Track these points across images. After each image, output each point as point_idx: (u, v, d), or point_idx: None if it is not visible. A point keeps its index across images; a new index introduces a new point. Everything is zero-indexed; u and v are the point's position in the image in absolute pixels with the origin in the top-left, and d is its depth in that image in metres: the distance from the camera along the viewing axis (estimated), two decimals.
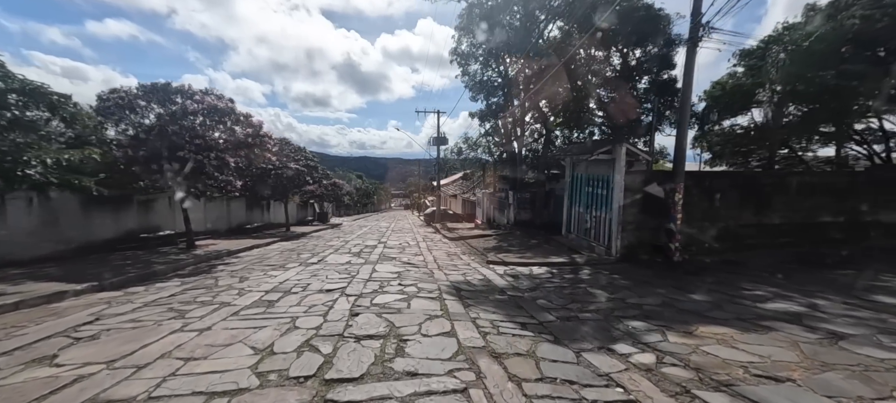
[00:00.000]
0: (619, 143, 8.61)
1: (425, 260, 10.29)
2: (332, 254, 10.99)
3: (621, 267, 8.26)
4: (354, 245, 13.67)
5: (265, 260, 9.98)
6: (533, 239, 14.44)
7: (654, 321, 4.67)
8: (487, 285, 7.06)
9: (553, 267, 8.71)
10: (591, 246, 9.87)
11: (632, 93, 15.44)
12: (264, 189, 18.20)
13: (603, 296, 6.00)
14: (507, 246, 12.97)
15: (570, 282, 7.15)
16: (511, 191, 18.34)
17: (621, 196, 8.66)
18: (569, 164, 11.44)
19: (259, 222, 20.13)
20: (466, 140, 24.58)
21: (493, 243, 14.17)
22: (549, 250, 10.75)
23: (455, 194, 35.84)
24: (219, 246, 12.48)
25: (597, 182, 9.81)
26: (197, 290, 6.29)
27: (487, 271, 8.66)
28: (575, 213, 11.16)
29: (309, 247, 12.90)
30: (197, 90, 10.54)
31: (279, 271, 8.12)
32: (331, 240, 15.46)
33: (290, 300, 5.58)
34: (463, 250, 12.89)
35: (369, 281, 7.10)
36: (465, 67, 22.12)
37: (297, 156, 20.75)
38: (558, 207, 16.54)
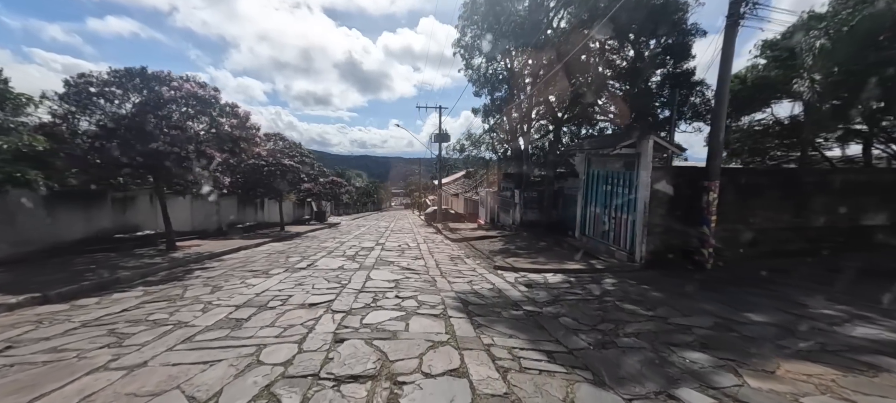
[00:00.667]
0: (646, 136, 7.63)
1: (426, 264, 9.33)
2: (323, 258, 10.02)
3: (648, 276, 7.28)
4: (350, 247, 12.71)
5: (249, 264, 9.02)
6: (542, 242, 13.47)
7: (716, 352, 3.69)
8: (498, 296, 6.10)
9: (570, 275, 7.73)
10: (611, 250, 8.89)
11: (645, 87, 14.44)
12: (257, 186, 17.25)
13: (639, 314, 5.02)
14: (515, 249, 12.00)
15: (594, 294, 6.17)
16: (517, 189, 17.37)
17: (647, 195, 7.68)
18: (583, 160, 10.46)
19: (252, 221, 19.18)
20: (469, 137, 23.61)
21: (500, 245, 13.20)
22: (563, 254, 9.78)
23: (457, 193, 34.86)
24: (203, 247, 11.53)
25: (617, 179, 8.83)
26: (157, 303, 5.33)
27: (496, 278, 7.69)
28: (590, 214, 10.18)
29: (300, 249, 11.93)
30: (176, 77, 9.57)
31: (260, 278, 7.15)
32: (325, 242, 14.50)
33: (262, 318, 4.61)
34: (467, 253, 11.92)
35: (362, 291, 6.12)
36: (468, 60, 21.15)
37: (292, 153, 19.81)
38: (568, 207, 15.57)
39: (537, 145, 19.48)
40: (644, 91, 14.10)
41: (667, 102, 14.20)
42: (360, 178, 71.82)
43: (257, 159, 17.41)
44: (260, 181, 17.04)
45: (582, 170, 10.45)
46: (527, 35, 16.52)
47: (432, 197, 54.20)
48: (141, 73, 9.32)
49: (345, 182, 30.42)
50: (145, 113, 8.57)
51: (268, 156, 17.92)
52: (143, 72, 9.33)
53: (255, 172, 16.88)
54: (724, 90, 7.10)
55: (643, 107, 14.78)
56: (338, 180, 29.53)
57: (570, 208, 15.38)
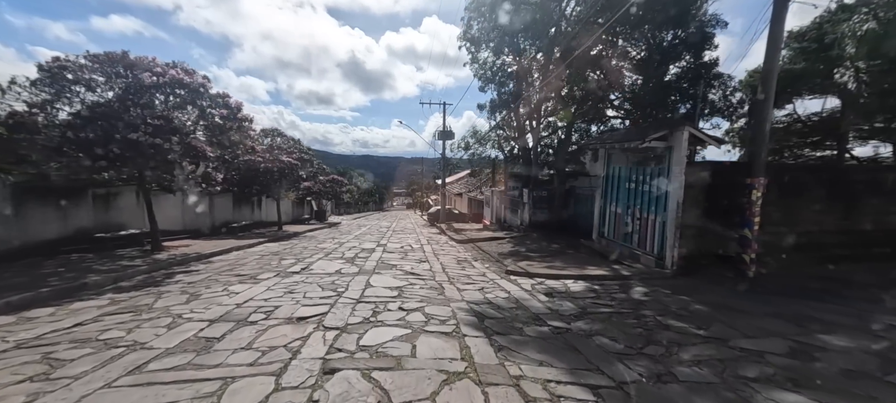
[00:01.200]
0: (679, 127, 6.80)
1: (432, 268, 8.52)
2: (320, 260, 9.23)
3: (684, 284, 6.45)
4: (350, 248, 11.91)
5: (238, 267, 8.23)
6: (554, 243, 12.64)
7: (817, 394, 2.87)
8: (517, 307, 5.29)
9: (594, 282, 6.91)
10: (635, 254, 8.06)
11: (663, 81, 13.59)
12: (253, 184, 16.48)
13: (690, 333, 4.20)
14: (526, 252, 11.18)
15: (627, 306, 5.35)
16: (525, 188, 16.55)
17: (681, 193, 6.85)
18: (602, 156, 9.63)
19: (248, 220, 18.42)
20: (475, 134, 22.79)
21: (509, 247, 12.38)
22: (581, 258, 8.95)
23: (460, 193, 34.06)
24: (192, 248, 10.76)
25: (644, 176, 8.00)
26: (119, 316, 4.54)
27: (510, 285, 6.89)
28: (610, 214, 9.35)
29: (296, 251, 11.14)
30: (161, 63, 8.79)
31: (247, 284, 6.36)
32: (324, 242, 13.71)
33: (238, 338, 3.81)
34: (474, 255, 11.12)
35: (360, 302, 5.32)
36: (474, 54, 20.35)
37: (290, 149, 19.04)
38: (580, 207, 14.74)
39: (546, 142, 18.64)
40: (661, 85, 13.25)
41: (685, 96, 13.36)
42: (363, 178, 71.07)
43: (253, 155, 16.66)
44: (255, 178, 16.28)
45: (601, 166, 9.62)
46: (537, 26, 15.71)
47: (434, 196, 53.35)
48: (122, 58, 8.55)
49: (345, 181, 29.66)
50: (124, 100, 7.79)
51: (264, 153, 17.16)
52: (125, 56, 8.56)
53: (251, 169, 16.11)
54: (772, 71, 6.27)
55: (659, 101, 13.95)
56: (338, 179, 28.79)
57: (583, 208, 14.57)
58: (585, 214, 14.31)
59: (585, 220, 14.07)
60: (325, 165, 51.52)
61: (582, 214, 14.67)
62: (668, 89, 13.21)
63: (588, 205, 14.29)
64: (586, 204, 14.48)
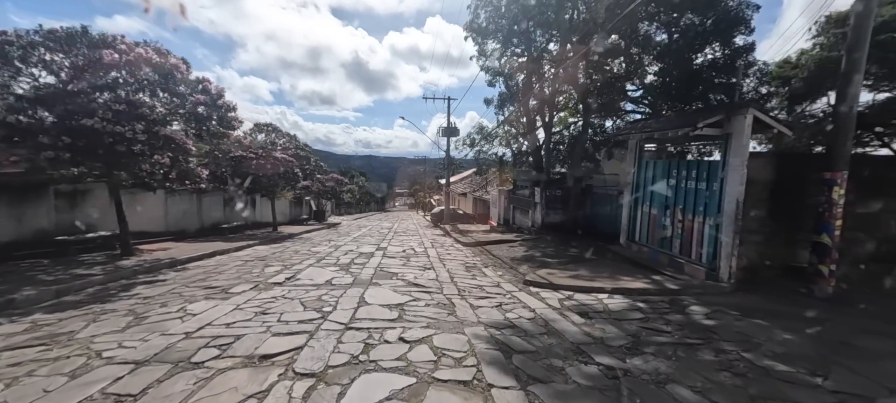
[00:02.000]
0: (741, 110, 5.59)
1: (438, 278, 7.35)
2: (310, 268, 8.06)
3: (751, 303, 5.23)
4: (346, 252, 10.74)
5: (212, 276, 7.07)
6: (572, 247, 11.44)
7: None
8: (547, 333, 4.13)
9: (636, 298, 5.71)
10: (677, 262, 6.85)
11: (692, 69, 12.33)
12: (244, 182, 15.36)
13: (807, 384, 2.99)
14: (542, 257, 10.00)
15: (692, 334, 4.16)
16: (537, 187, 15.34)
17: (742, 191, 5.63)
18: (632, 150, 8.43)
19: (240, 221, 17.29)
20: (481, 130, 21.63)
21: (522, 251, 11.19)
22: (610, 266, 7.74)
23: (464, 192, 32.86)
24: (170, 252, 9.62)
25: (688, 171, 6.78)
26: (15, 352, 3.38)
27: (533, 300, 5.72)
28: (642, 216, 8.14)
29: (285, 255, 9.99)
30: (129, 42, 7.65)
31: (213, 301, 5.19)
32: (318, 245, 12.55)
33: (161, 394, 2.64)
34: (484, 261, 9.95)
35: (349, 328, 4.14)
36: (481, 46, 19.18)
37: (286, 146, 17.93)
38: (598, 207, 13.52)
39: (557, 139, 17.43)
40: (689, 73, 12.00)
41: (715, 86, 12.09)
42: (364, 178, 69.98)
43: (245, 152, 15.55)
44: (247, 176, 15.15)
45: (630, 161, 8.42)
46: (551, 12, 14.52)
47: (437, 196, 52.14)
48: (83, 35, 7.42)
49: (346, 180, 28.52)
50: (78, 82, 6.65)
51: (258, 149, 16.05)
52: (85, 32, 7.43)
53: (243, 166, 15.00)
54: (863, 31, 5.05)
55: (685, 92, 12.69)
56: (338, 178, 27.68)
57: (601, 208, 13.35)
58: (605, 216, 13.09)
59: (604, 222, 12.88)
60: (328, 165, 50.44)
61: (600, 215, 13.45)
62: (696, 78, 11.96)
63: (607, 206, 13.08)
64: (605, 204, 13.27)
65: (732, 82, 11.66)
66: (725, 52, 11.95)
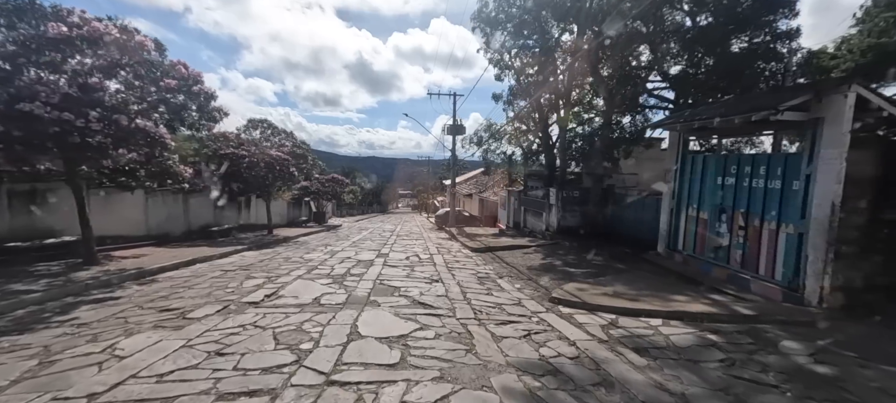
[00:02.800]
0: (839, 88, 4.37)
1: (448, 293, 6.18)
2: (297, 281, 6.89)
3: (866, 340, 4.00)
4: (342, 259, 9.57)
5: (177, 292, 5.92)
6: (596, 255, 10.21)
7: None
8: (604, 384, 2.98)
9: (701, 326, 4.49)
10: (740, 278, 5.63)
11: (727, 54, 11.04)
12: (235, 181, 14.25)
13: None
14: (564, 267, 8.80)
15: (813, 388, 2.94)
16: (551, 188, 14.13)
17: (838, 190, 4.41)
18: (672, 143, 7.22)
19: (232, 223, 16.18)
20: (488, 127, 20.43)
21: (539, 259, 10.00)
22: (650, 280, 6.52)
23: (470, 193, 31.67)
24: (142, 260, 8.50)
25: (755, 167, 5.56)
26: None
27: (568, 326, 4.57)
28: (688, 221, 6.92)
29: (274, 264, 8.83)
30: (85, 15, 6.51)
31: (163, 330, 4.03)
32: (313, 250, 11.39)
33: None
34: (498, 270, 8.78)
35: (332, 382, 2.97)
36: (489, 37, 18.01)
37: (283, 142, 16.83)
38: (621, 210, 12.27)
39: (573, 135, 16.18)
40: (726, 59, 10.73)
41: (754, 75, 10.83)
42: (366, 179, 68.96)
43: (238, 149, 14.46)
44: (239, 175, 14.04)
45: (672, 156, 7.21)
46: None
47: (441, 198, 50.90)
48: (32, 7, 6.30)
49: (347, 180, 27.41)
50: (14, 59, 5.53)
51: (250, 146, 14.95)
52: (34, 5, 6.31)
53: (234, 164, 13.90)
54: None
55: (715, 84, 11.43)
56: (339, 178, 26.56)
57: (625, 211, 12.08)
58: (629, 219, 11.86)
59: (629, 227, 11.64)
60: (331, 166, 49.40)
61: (623, 219, 12.22)
62: (734, 67, 10.66)
63: (631, 208, 11.84)
64: (629, 206, 12.04)
65: (775, 71, 10.42)
66: (765, 38, 10.69)
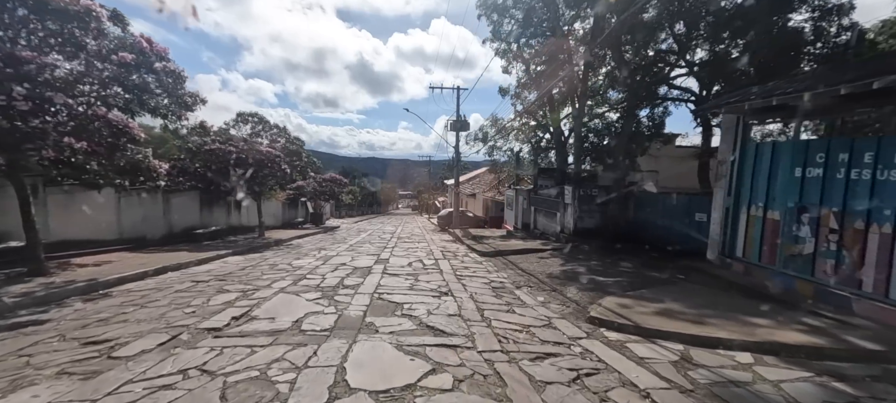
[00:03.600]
0: None
1: (461, 310, 5.02)
2: (278, 295, 5.70)
3: None
4: (336, 267, 8.38)
5: (124, 313, 4.72)
6: (623, 261, 9.05)
7: None
8: None
9: (814, 367, 3.30)
10: (832, 294, 4.43)
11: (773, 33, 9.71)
12: (222, 179, 13.06)
13: None
14: (591, 274, 7.64)
15: None
16: (566, 186, 12.93)
17: None
18: (728, 128, 6.02)
19: (221, 225, 14.99)
20: (495, 123, 19.24)
21: (559, 265, 8.84)
22: (710, 295, 5.32)
23: (473, 193, 30.46)
24: (105, 268, 7.33)
25: (854, 154, 4.36)
26: None
27: (625, 362, 3.44)
28: (752, 222, 5.72)
29: (256, 273, 7.64)
30: None
31: (66, 382, 2.85)
32: (305, 256, 10.19)
33: None
34: (513, 278, 7.62)
35: None
36: (497, 25, 16.86)
37: (275, 138, 15.65)
38: (647, 210, 11.07)
39: (589, 130, 14.98)
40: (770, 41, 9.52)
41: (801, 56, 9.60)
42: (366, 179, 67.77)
43: (225, 144, 13.28)
44: (226, 173, 12.86)
45: (727, 145, 6.01)
46: None
47: (442, 198, 49.69)
48: None
49: (345, 180, 26.23)
50: None
51: (238, 141, 13.77)
52: None
53: (220, 161, 12.71)
54: None
55: (743, 71, 10.19)
56: (337, 178, 25.39)
57: (651, 211, 10.84)
58: (655, 221, 10.64)
59: (656, 229, 10.39)
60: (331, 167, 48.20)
61: (648, 221, 11.02)
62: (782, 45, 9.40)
63: (659, 208, 10.64)
64: (656, 206, 10.84)
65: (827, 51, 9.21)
66: (813, 13, 9.47)
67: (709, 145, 15.62)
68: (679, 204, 9.96)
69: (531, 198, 16.21)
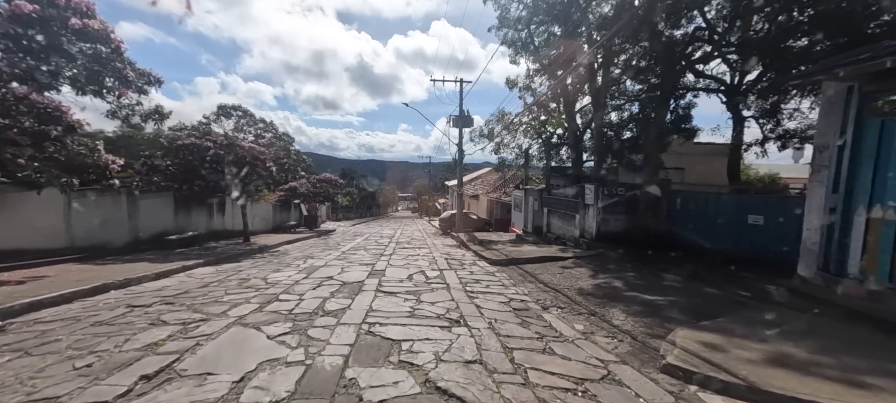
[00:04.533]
0: None
1: (480, 352, 3.56)
2: (231, 329, 4.19)
3: None
4: (320, 282, 6.87)
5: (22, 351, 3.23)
6: (664, 272, 7.57)
7: None
8: None
9: None
10: None
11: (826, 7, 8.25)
12: (196, 179, 11.55)
13: None
14: (630, 291, 6.19)
15: None
16: (588, 185, 11.44)
17: None
18: (831, 102, 4.52)
19: (202, 229, 13.48)
20: (502, 118, 17.75)
21: (588, 278, 7.38)
22: (832, 329, 3.83)
23: (476, 194, 28.95)
24: (31, 286, 5.83)
25: None
26: None
27: None
28: (871, 229, 4.20)
29: (218, 292, 6.13)
30: None
31: None
32: (285, 268, 8.67)
33: None
34: (536, 295, 6.15)
35: None
36: (504, 11, 15.48)
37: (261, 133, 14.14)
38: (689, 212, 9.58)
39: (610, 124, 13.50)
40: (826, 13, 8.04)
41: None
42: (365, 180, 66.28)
43: (202, 139, 11.78)
44: (201, 171, 11.36)
45: (833, 122, 4.51)
46: None
47: (443, 200, 48.17)
48: None
49: (341, 181, 24.71)
50: None
51: (217, 136, 12.27)
52: None
53: (195, 157, 11.21)
54: None
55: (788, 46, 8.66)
56: (332, 178, 23.86)
57: (690, 215, 9.38)
58: (697, 224, 9.16)
59: (700, 234, 8.94)
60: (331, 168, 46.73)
61: (687, 224, 9.53)
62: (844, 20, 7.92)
63: (703, 210, 9.16)
64: (699, 207, 9.34)
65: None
66: None
67: (741, 138, 14.15)
68: (727, 205, 8.47)
69: (544, 198, 14.71)
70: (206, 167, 11.19)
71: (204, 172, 11.14)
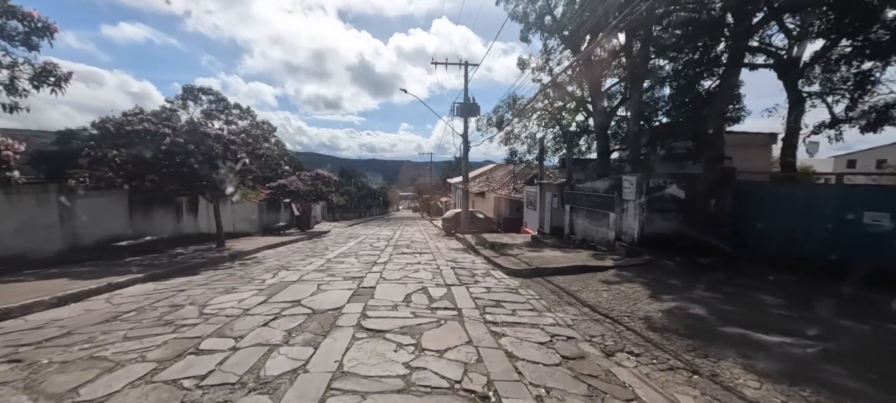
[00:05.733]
0: None
1: None
2: None
3: None
4: (276, 314, 4.83)
5: None
6: (749, 290, 5.55)
7: None
8: None
9: None
10: None
11: None
12: (150, 173, 9.51)
13: None
14: (723, 321, 4.13)
15: None
16: (625, 177, 9.37)
17: None
18: None
19: (165, 233, 11.47)
20: (513, 103, 15.64)
21: (648, 299, 5.35)
22: None
23: (481, 192, 26.87)
24: None
25: None
26: None
27: None
28: None
29: (118, 332, 4.11)
30: None
31: None
32: (244, 286, 6.62)
33: None
34: (585, 327, 4.11)
35: None
36: None
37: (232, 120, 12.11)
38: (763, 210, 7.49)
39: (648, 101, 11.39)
40: None
41: None
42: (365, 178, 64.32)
43: (158, 125, 9.75)
44: (156, 165, 9.32)
45: None
46: None
47: (445, 198, 46.06)
48: None
49: (335, 178, 22.68)
50: None
51: (177, 123, 10.25)
52: None
53: (146, 146, 9.19)
54: None
55: None
56: (324, 175, 21.85)
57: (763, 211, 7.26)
58: (767, 225, 7.10)
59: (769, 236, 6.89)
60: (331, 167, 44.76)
61: (755, 223, 7.46)
62: None
63: (783, 206, 7.11)
64: (776, 203, 7.28)
65: None
66: None
67: (799, 122, 12.05)
68: (826, 199, 6.40)
69: (565, 194, 12.63)
70: (162, 158, 9.17)
71: (161, 165, 9.12)
